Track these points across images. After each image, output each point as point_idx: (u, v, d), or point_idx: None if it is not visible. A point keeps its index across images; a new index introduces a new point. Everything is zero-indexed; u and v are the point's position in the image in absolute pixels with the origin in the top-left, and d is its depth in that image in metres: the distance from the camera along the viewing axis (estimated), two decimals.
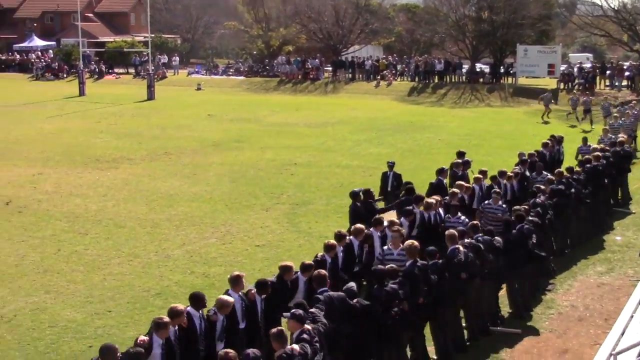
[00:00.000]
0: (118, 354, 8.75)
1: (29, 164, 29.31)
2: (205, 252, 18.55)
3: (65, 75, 67.71)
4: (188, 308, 10.62)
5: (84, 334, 13.73)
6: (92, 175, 27.37)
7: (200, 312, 10.65)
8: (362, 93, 56.79)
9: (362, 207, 16.58)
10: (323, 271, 11.64)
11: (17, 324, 14.21)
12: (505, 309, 14.76)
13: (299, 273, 12.27)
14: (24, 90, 58.63)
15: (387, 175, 20.38)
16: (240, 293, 11.21)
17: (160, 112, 45.72)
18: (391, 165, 20.44)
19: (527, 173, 19.91)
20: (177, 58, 71.93)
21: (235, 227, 20.70)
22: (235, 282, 11.22)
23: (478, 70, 60.43)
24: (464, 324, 13.50)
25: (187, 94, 57.38)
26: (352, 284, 11.43)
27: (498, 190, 17.56)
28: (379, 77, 60.46)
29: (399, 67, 63.33)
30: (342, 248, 13.56)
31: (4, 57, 76.38)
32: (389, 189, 20.02)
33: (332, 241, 13.46)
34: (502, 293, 14.82)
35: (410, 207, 15.87)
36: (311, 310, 10.34)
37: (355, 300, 10.88)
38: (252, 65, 70.19)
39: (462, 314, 13.48)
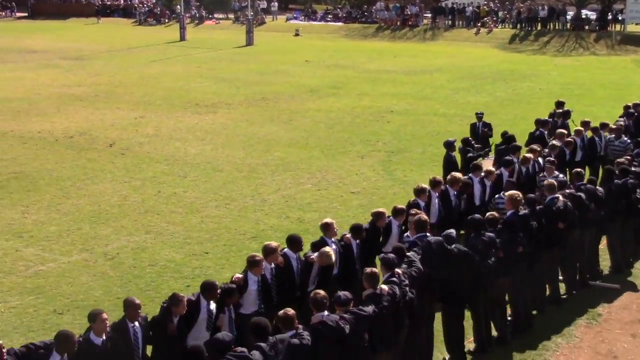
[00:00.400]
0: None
1: (131, 107, 30.01)
2: (300, 197, 18.71)
3: (166, 20, 68.78)
4: (285, 249, 10.76)
5: (182, 274, 14.10)
6: (191, 119, 27.86)
7: (297, 254, 10.78)
8: (461, 40, 55.75)
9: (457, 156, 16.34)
10: (424, 216, 11.57)
11: (119, 262, 14.69)
12: (604, 263, 14.43)
13: (391, 218, 12.27)
14: (127, 35, 59.83)
15: (476, 126, 19.88)
16: (333, 239, 11.27)
17: (258, 58, 46.00)
18: (480, 116, 19.96)
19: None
20: (276, 4, 71.99)
21: (330, 173, 20.78)
22: (326, 228, 11.26)
23: (584, 16, 58.29)
24: (560, 277, 13.27)
25: (285, 39, 57.48)
26: (452, 230, 11.34)
27: (552, 159, 15.36)
28: (479, 24, 59.14)
29: (500, 13, 61.80)
30: (437, 194, 13.45)
31: (108, 3, 78.00)
32: (478, 140, 19.62)
33: (423, 184, 13.35)
34: (602, 247, 14.48)
35: (510, 157, 15.53)
36: (407, 254, 10.33)
37: (453, 246, 10.80)
38: (351, 11, 69.69)
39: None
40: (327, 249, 10.72)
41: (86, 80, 36.78)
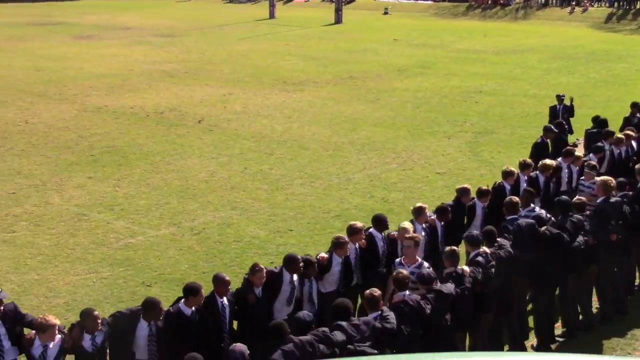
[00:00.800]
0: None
1: (220, 84, 30.40)
2: (385, 177, 18.68)
3: None
4: (371, 229, 10.79)
5: (266, 250, 14.29)
6: (278, 97, 28.06)
7: (382, 234, 10.81)
8: (554, 20, 54.42)
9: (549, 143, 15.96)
10: (516, 198, 11.45)
11: (205, 237, 14.98)
12: None
13: (476, 199, 12.17)
14: (217, 13, 60.50)
15: (556, 109, 19.28)
16: (424, 224, 11.24)
17: (346, 36, 45.92)
18: (561, 98, 19.39)
19: None
20: None
21: (416, 153, 20.67)
22: (419, 213, 11.25)
23: None
24: None
25: (374, 18, 57.19)
26: (543, 211, 11.21)
27: (594, 163, 13.92)
28: (573, 3, 57.63)
29: None
30: (525, 178, 13.26)
31: None
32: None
33: (511, 168, 13.18)
34: None
35: (601, 144, 15.09)
36: (498, 239, 10.25)
37: (544, 228, 10.69)
38: None
39: None
40: (405, 223, 10.74)
41: (177, 57, 37.40)
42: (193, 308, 8.85)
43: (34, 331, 8.43)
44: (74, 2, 68.08)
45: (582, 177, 13.66)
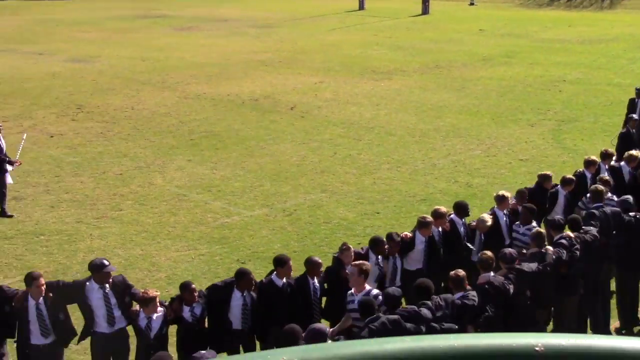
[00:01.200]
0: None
1: (311, 73, 30.50)
2: (469, 163, 18.47)
3: None
4: (452, 215, 10.76)
5: (354, 232, 14.32)
6: (367, 85, 27.98)
7: (463, 220, 10.76)
8: None
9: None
10: (601, 187, 11.20)
11: (296, 218, 15.11)
12: None
13: (559, 186, 11.94)
14: (310, 4, 60.57)
15: (634, 102, 18.13)
16: (505, 211, 11.11)
17: (433, 26, 45.43)
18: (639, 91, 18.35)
19: None
20: None
21: (500, 140, 20.36)
22: (501, 200, 11.14)
23: None
24: None
25: (460, 9, 56.39)
26: (629, 197, 10.95)
27: (606, 178, 11.95)
28: None
29: None
30: (606, 167, 12.92)
31: None
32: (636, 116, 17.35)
33: (593, 157, 12.87)
34: None
35: None
36: (583, 227, 10.06)
37: (631, 214, 10.46)
38: None
39: None
40: (484, 215, 10.67)
41: (271, 47, 37.66)
42: (284, 280, 9.00)
43: (138, 305, 8.72)
44: None
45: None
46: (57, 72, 30.89)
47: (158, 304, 8.60)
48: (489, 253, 9.11)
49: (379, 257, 9.72)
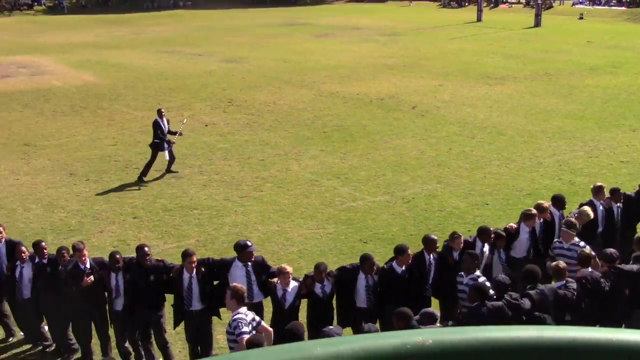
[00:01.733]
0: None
1: (432, 77, 30.06)
2: (573, 162, 17.74)
3: (466, 4, 67.61)
4: (551, 208, 10.42)
5: (464, 220, 14.04)
6: (481, 89, 27.32)
7: (561, 212, 10.43)
8: None
9: None
10: None
11: (414, 205, 14.95)
12: None
13: None
14: (432, 16, 59.76)
15: None
16: (602, 201, 10.66)
17: (544, 38, 43.80)
18: None
19: None
20: None
21: (602, 143, 19.43)
22: (598, 191, 10.69)
23: None
24: None
25: (569, 22, 54.09)
26: None
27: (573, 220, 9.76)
28: None
29: None
30: None
31: None
32: None
33: None
34: None
35: None
36: None
37: None
38: None
39: None
40: (586, 208, 10.23)
41: (396, 53, 37.35)
42: (403, 267, 8.91)
43: (276, 278, 8.83)
44: (316, 6, 69.83)
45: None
46: (213, 71, 31.79)
47: (291, 278, 8.69)
48: (587, 250, 8.71)
49: (485, 245, 9.49)
